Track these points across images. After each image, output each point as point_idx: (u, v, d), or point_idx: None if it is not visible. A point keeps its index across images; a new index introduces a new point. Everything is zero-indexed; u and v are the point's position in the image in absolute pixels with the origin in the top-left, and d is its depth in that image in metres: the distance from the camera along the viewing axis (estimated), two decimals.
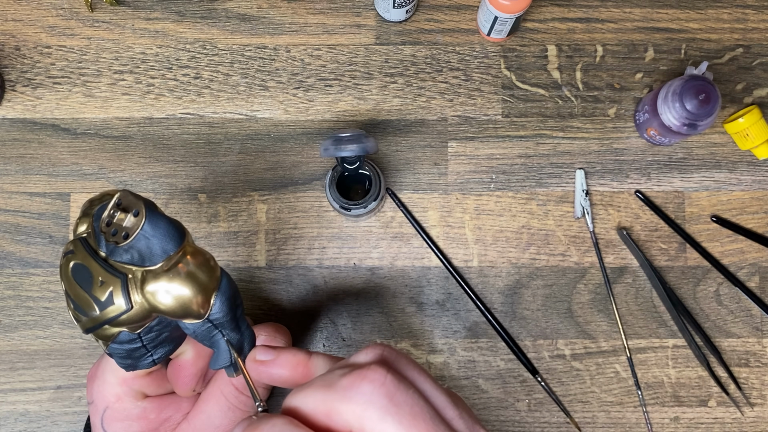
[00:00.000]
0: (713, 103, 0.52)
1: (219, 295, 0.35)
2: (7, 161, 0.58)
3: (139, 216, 0.32)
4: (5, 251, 0.57)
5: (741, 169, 0.58)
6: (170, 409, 0.42)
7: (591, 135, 0.59)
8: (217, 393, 0.42)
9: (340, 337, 0.57)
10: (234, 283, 0.36)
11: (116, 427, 0.40)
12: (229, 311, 0.35)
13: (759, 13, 0.60)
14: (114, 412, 0.40)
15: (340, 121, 0.59)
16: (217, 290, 0.35)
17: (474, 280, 0.57)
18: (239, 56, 0.59)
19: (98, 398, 0.40)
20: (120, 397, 0.40)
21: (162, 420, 0.41)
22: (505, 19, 0.55)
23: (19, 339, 0.57)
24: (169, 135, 0.58)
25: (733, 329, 0.57)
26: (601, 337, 0.57)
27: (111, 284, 0.33)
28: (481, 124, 0.59)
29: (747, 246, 0.58)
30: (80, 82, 0.59)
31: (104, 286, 0.33)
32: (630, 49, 0.59)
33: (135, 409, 0.40)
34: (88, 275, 0.33)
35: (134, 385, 0.40)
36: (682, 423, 0.57)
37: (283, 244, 0.58)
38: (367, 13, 0.60)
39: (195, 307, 0.34)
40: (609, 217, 0.58)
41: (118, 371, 0.40)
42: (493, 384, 0.57)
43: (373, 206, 0.53)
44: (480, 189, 0.58)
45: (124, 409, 0.40)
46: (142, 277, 0.33)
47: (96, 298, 0.33)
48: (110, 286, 0.33)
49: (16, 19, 0.59)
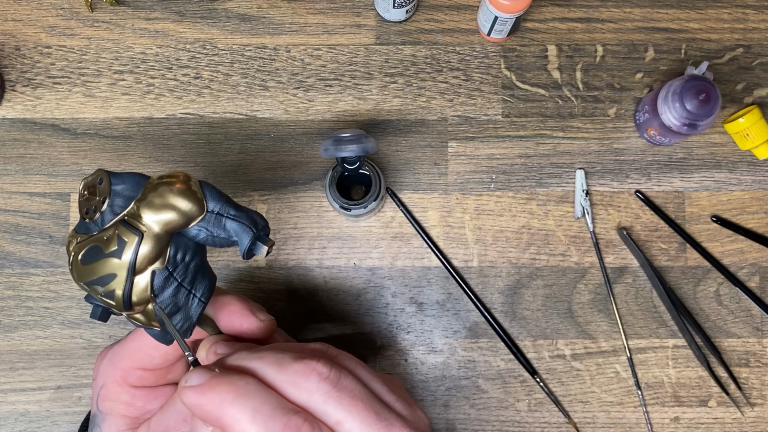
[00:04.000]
0: (713, 103, 0.52)
1: (203, 185, 0.37)
2: (7, 161, 0.58)
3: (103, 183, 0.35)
4: (5, 251, 0.57)
5: (741, 169, 0.58)
6: (157, 401, 0.43)
7: (591, 135, 0.59)
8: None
9: (341, 337, 0.57)
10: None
11: (107, 405, 0.43)
12: (221, 195, 0.37)
13: (759, 13, 0.60)
14: (107, 391, 0.42)
15: (340, 121, 0.59)
16: (199, 183, 0.37)
17: (474, 280, 0.57)
18: (239, 56, 0.59)
19: (100, 376, 0.43)
20: (117, 380, 0.42)
21: (146, 410, 0.43)
22: (505, 19, 0.55)
23: (19, 339, 0.57)
24: (169, 135, 0.58)
25: (734, 329, 0.57)
26: (601, 337, 0.57)
27: (114, 231, 0.34)
28: (481, 124, 0.59)
29: (747, 246, 0.58)
30: (80, 82, 0.59)
31: (110, 238, 0.34)
32: (630, 49, 0.59)
33: (125, 394, 0.42)
34: (94, 249, 0.35)
35: (134, 375, 0.42)
36: (683, 423, 0.57)
37: (283, 244, 0.58)
38: (367, 13, 0.60)
39: (192, 200, 0.36)
40: (609, 217, 0.58)
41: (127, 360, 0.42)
42: (493, 384, 0.57)
43: (373, 206, 0.53)
44: (480, 189, 0.58)
45: (116, 391, 0.42)
46: (133, 211, 0.35)
47: (111, 253, 0.34)
48: (114, 232, 0.34)
49: (16, 19, 0.59)
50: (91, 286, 0.35)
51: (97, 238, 0.35)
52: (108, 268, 0.35)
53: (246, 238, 0.38)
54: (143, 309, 0.36)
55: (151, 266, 0.35)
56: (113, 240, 0.34)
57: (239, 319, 0.41)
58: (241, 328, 0.41)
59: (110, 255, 0.34)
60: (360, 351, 0.57)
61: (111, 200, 0.35)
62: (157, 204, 0.35)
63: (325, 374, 0.32)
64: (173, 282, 0.36)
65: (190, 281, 0.37)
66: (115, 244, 0.34)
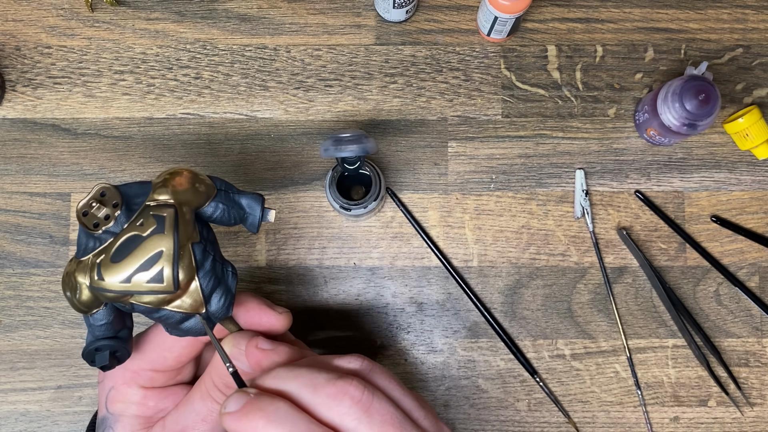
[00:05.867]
0: (713, 103, 0.52)
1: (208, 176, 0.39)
2: (8, 161, 0.58)
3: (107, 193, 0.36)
4: (5, 251, 0.57)
5: (741, 169, 0.59)
6: (168, 400, 0.44)
7: (591, 135, 0.59)
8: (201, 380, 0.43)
9: (340, 337, 0.57)
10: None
11: (117, 407, 0.43)
12: (224, 180, 0.40)
13: (759, 13, 0.60)
14: (117, 393, 0.43)
15: (340, 121, 0.59)
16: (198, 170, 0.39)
17: (474, 280, 0.58)
18: (239, 56, 0.59)
19: (108, 378, 0.43)
20: (127, 381, 0.43)
21: (158, 409, 0.43)
22: (505, 20, 0.55)
23: (19, 339, 0.57)
24: (169, 135, 0.58)
25: (733, 329, 0.57)
26: (600, 337, 0.57)
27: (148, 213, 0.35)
28: (481, 124, 0.59)
29: (747, 246, 0.58)
30: (80, 82, 0.59)
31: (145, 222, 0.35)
32: (630, 49, 0.59)
33: (136, 395, 0.43)
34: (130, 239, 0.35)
35: (144, 375, 0.43)
36: (682, 423, 0.57)
37: (283, 244, 0.58)
38: (367, 14, 0.60)
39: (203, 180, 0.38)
40: (609, 217, 0.58)
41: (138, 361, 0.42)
42: (493, 384, 0.57)
43: (373, 206, 0.53)
44: (480, 189, 0.58)
45: (127, 392, 0.43)
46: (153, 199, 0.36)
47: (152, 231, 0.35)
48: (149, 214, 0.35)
49: (17, 19, 0.59)
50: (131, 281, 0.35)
51: (129, 229, 0.35)
52: (152, 247, 0.35)
53: (257, 207, 0.40)
54: (188, 289, 0.36)
55: (189, 240, 0.36)
56: (149, 221, 0.35)
57: (258, 314, 0.42)
58: (260, 322, 0.42)
59: (151, 233, 0.35)
60: (360, 351, 0.57)
61: (125, 201, 0.36)
62: (178, 185, 0.37)
63: (357, 398, 0.34)
64: (209, 254, 0.37)
65: (220, 256, 0.39)
66: (153, 223, 0.35)
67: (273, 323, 0.43)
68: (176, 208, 0.36)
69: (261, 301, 0.43)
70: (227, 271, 0.39)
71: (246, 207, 0.40)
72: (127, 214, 0.36)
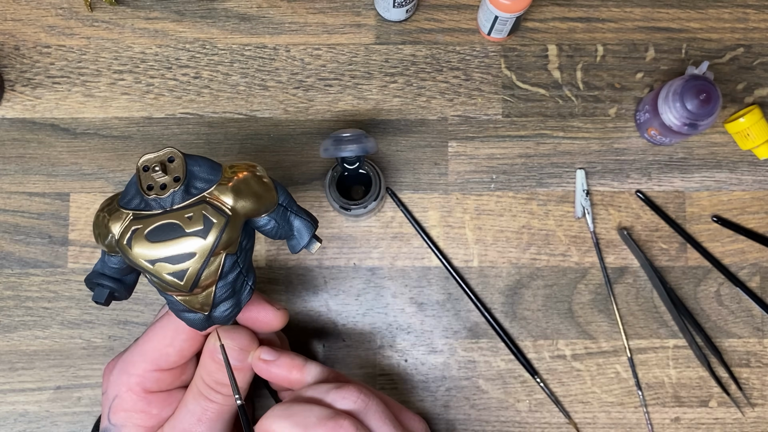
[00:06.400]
0: (714, 102, 0.51)
1: (274, 182, 0.38)
2: (7, 161, 0.58)
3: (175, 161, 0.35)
4: (4, 251, 0.57)
5: (742, 169, 0.58)
6: (171, 407, 0.44)
7: (591, 135, 0.59)
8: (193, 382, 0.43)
9: (340, 337, 0.57)
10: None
11: (120, 417, 0.42)
12: (285, 189, 0.39)
13: (760, 12, 0.60)
14: (121, 401, 0.42)
15: (340, 121, 0.59)
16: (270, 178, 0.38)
17: (474, 280, 0.57)
18: (239, 56, 0.59)
19: (111, 388, 0.43)
20: (131, 388, 0.42)
21: (161, 417, 0.43)
22: (506, 19, 0.55)
23: (18, 339, 0.57)
24: (168, 135, 0.58)
25: (734, 329, 0.57)
26: (601, 337, 0.57)
27: (200, 211, 0.34)
28: (482, 124, 0.59)
29: (748, 246, 0.58)
30: (80, 81, 0.59)
31: (194, 217, 0.34)
32: (630, 48, 0.59)
33: (140, 402, 0.42)
34: (171, 226, 0.34)
35: (150, 378, 0.42)
36: (683, 423, 0.57)
37: (283, 244, 0.58)
38: (367, 13, 0.60)
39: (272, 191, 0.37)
40: (609, 217, 0.58)
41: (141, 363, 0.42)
42: (493, 384, 0.57)
43: (373, 206, 0.53)
44: (480, 189, 0.58)
45: (131, 400, 0.42)
46: (217, 194, 0.35)
47: (194, 232, 0.34)
48: (200, 212, 0.34)
49: (16, 18, 0.59)
50: (155, 264, 0.34)
51: (176, 216, 0.34)
52: (188, 246, 0.34)
53: (307, 235, 0.39)
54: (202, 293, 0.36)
55: (225, 250, 0.35)
56: (198, 219, 0.34)
57: (256, 309, 0.43)
58: (258, 317, 0.43)
59: (193, 234, 0.34)
60: (360, 351, 0.57)
61: (187, 180, 0.35)
62: (244, 191, 0.36)
63: None
64: (237, 267, 0.37)
65: (246, 269, 0.38)
66: (200, 224, 0.34)
67: (270, 319, 0.43)
68: (229, 219, 0.35)
69: (259, 296, 0.43)
70: (246, 285, 0.38)
71: (295, 230, 0.39)
72: (183, 195, 0.35)
